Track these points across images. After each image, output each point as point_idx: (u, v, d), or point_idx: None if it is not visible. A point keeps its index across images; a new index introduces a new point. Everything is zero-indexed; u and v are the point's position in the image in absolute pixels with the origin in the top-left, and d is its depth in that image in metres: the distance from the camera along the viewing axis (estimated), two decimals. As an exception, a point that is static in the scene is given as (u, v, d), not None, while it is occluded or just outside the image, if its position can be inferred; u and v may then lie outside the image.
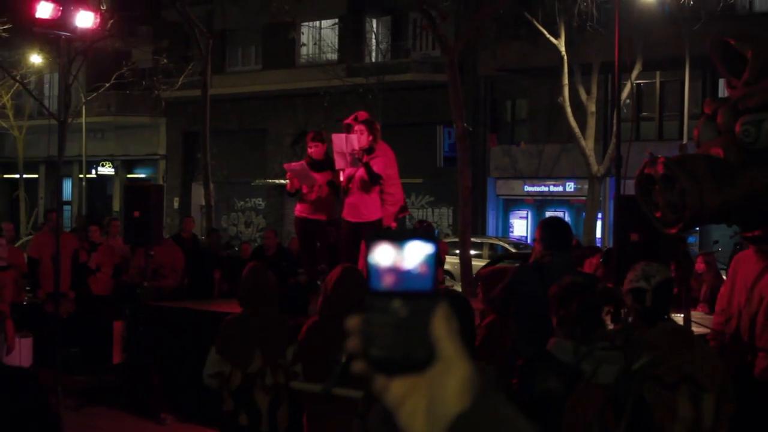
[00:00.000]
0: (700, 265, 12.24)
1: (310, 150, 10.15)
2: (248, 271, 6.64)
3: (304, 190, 10.12)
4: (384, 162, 9.38)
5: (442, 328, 1.25)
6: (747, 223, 6.52)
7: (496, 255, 23.56)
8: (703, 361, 4.70)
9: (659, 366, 4.46)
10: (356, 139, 9.31)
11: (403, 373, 1.26)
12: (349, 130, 9.44)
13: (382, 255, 1.25)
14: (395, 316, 1.24)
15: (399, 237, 1.26)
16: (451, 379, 1.25)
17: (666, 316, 4.97)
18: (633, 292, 4.91)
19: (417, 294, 1.24)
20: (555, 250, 6.36)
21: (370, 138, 9.35)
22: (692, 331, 6.03)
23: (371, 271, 1.25)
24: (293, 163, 10.38)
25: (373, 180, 9.31)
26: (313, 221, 10.16)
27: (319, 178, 9.98)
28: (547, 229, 6.59)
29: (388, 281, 1.24)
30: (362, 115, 9.61)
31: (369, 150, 9.35)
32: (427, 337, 1.24)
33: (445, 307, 1.26)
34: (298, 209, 10.32)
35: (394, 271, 1.24)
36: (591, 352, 4.17)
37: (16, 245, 16.15)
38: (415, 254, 1.25)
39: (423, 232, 1.27)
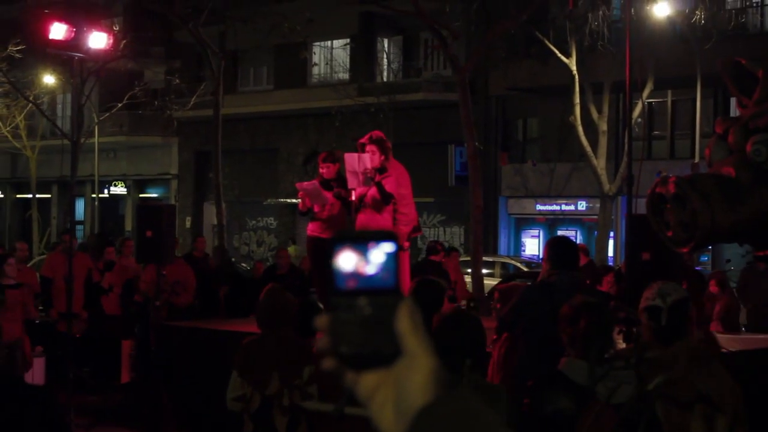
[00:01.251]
0: (714, 287, 12.24)
1: (321, 170, 10.18)
2: (266, 293, 6.63)
3: (316, 209, 10.14)
4: (396, 181, 9.41)
5: (405, 323, 1.30)
6: (758, 242, 6.51)
7: (508, 274, 23.53)
8: (719, 382, 4.67)
9: (674, 385, 4.43)
10: (368, 158, 9.34)
11: (370, 367, 1.30)
12: (362, 149, 9.48)
13: (345, 261, 1.30)
14: (360, 314, 1.29)
15: (360, 242, 1.30)
16: (415, 373, 1.30)
17: (684, 335, 4.93)
18: (648, 310, 4.87)
19: (381, 291, 1.29)
20: (562, 269, 6.36)
21: (382, 157, 9.39)
22: (709, 351, 6.00)
23: (336, 272, 1.30)
24: (305, 183, 10.42)
25: (385, 199, 9.34)
26: (325, 240, 10.17)
27: (331, 197, 10.00)
28: (553, 248, 6.60)
29: (352, 283, 1.30)
30: (376, 134, 9.65)
31: (381, 169, 9.39)
32: (392, 333, 1.29)
33: (408, 304, 1.31)
34: (310, 228, 10.35)
35: (357, 275, 1.30)
36: (607, 373, 4.15)
37: (29, 265, 16.20)
38: (376, 257, 1.30)
39: (384, 234, 1.31)
